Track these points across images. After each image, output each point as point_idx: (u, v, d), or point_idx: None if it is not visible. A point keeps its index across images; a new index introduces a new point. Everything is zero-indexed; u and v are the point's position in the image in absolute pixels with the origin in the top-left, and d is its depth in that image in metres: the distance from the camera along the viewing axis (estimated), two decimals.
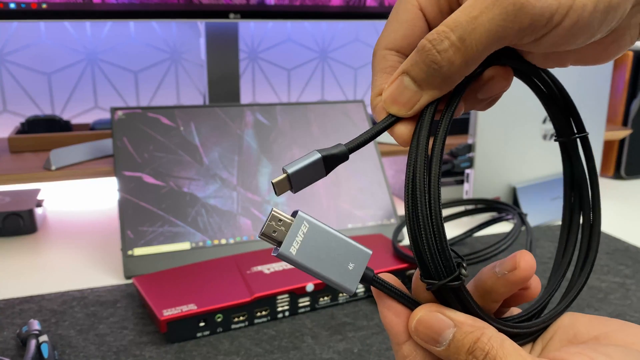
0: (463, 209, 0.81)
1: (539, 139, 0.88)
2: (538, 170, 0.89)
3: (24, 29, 1.01)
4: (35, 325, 0.53)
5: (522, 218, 0.72)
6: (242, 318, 0.57)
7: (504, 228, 0.83)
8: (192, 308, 0.54)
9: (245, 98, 1.18)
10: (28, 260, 0.73)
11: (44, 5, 0.81)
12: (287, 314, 0.59)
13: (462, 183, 0.94)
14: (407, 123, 0.28)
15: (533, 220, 0.83)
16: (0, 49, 1.00)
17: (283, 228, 0.28)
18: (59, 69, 1.04)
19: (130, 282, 0.66)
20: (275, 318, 0.59)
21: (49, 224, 0.85)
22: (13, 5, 0.79)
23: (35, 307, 0.60)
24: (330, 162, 0.28)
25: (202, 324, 0.55)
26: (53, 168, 0.81)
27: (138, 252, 0.68)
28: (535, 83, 0.31)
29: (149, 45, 1.09)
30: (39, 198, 0.85)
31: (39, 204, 0.84)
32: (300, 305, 0.60)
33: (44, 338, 0.51)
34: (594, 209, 0.33)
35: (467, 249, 0.76)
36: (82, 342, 0.54)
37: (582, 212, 0.33)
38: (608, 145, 1.07)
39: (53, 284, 0.66)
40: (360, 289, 0.63)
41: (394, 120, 0.28)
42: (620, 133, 1.05)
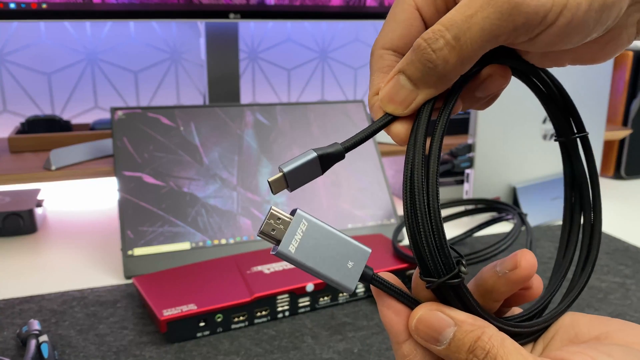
0: (463, 209, 0.81)
1: (539, 139, 0.88)
2: (538, 170, 0.89)
3: (24, 29, 1.01)
4: (35, 325, 0.53)
5: (522, 218, 0.72)
6: (242, 318, 0.57)
7: (504, 228, 0.83)
8: (192, 308, 0.54)
9: (245, 98, 1.18)
10: (28, 260, 0.73)
11: (44, 5, 0.81)
12: (287, 314, 0.59)
13: (462, 183, 0.94)
14: (403, 122, 0.28)
15: (533, 220, 0.83)
16: (0, 49, 1.00)
17: (282, 226, 0.28)
18: (59, 69, 1.04)
19: (130, 282, 0.66)
20: (275, 318, 0.59)
21: (49, 224, 0.85)
22: (13, 5, 0.79)
23: (35, 307, 0.61)
24: (326, 161, 0.28)
25: (202, 324, 0.55)
26: (53, 168, 0.81)
27: (138, 252, 0.68)
28: (534, 82, 0.31)
29: (149, 45, 1.09)
30: (39, 198, 0.85)
31: (39, 204, 0.84)
32: (300, 305, 0.60)
33: (44, 338, 0.51)
34: (595, 209, 0.33)
35: (467, 249, 0.76)
36: (82, 342, 0.54)
37: (582, 212, 0.33)
38: (608, 145, 1.07)
39: (53, 284, 0.66)
40: (360, 289, 0.63)
41: (391, 119, 0.29)
42: (620, 133, 1.05)
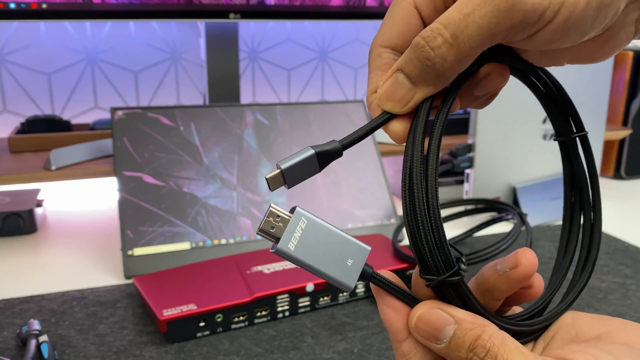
0: (463, 209, 0.81)
1: (539, 139, 0.88)
2: (538, 170, 0.89)
3: (24, 29, 1.01)
4: (35, 325, 0.53)
5: (522, 218, 0.72)
6: (242, 318, 0.57)
7: (504, 228, 0.83)
8: (192, 308, 0.54)
9: (245, 98, 1.18)
10: (28, 260, 0.73)
11: (44, 5, 0.81)
12: (287, 314, 0.59)
13: (462, 183, 0.94)
14: (401, 120, 0.28)
15: (533, 220, 0.83)
16: (0, 49, 1.00)
17: (281, 224, 0.28)
18: (59, 69, 1.04)
19: (130, 282, 0.66)
20: (275, 318, 0.59)
21: (49, 224, 0.85)
22: (13, 5, 0.79)
23: (35, 307, 0.60)
24: (324, 158, 0.28)
25: (202, 324, 0.55)
26: (53, 168, 0.81)
27: (138, 252, 0.68)
28: (533, 81, 0.31)
29: (149, 45, 1.09)
30: (39, 198, 0.85)
31: (39, 204, 0.84)
32: (300, 305, 0.60)
33: (44, 338, 0.51)
34: (595, 208, 0.33)
35: (467, 249, 0.76)
36: (82, 342, 0.54)
37: (582, 211, 0.33)
38: (608, 145, 1.07)
39: (53, 284, 0.66)
40: (360, 289, 0.63)
41: (389, 117, 0.29)
42: (620, 133, 1.05)
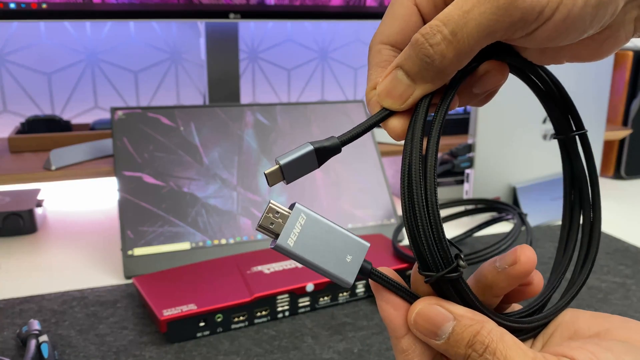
0: (463, 209, 0.81)
1: (539, 139, 0.88)
2: (538, 170, 0.89)
3: (24, 29, 1.01)
4: (35, 325, 0.53)
5: (522, 218, 0.72)
6: (242, 318, 0.57)
7: (504, 228, 0.83)
8: (192, 308, 0.54)
9: (245, 98, 1.18)
10: (28, 260, 0.73)
11: (44, 5, 0.81)
12: (287, 314, 0.59)
13: (462, 183, 0.94)
14: (400, 117, 0.28)
15: (533, 220, 0.83)
16: (0, 49, 1.00)
17: (280, 220, 0.28)
18: (59, 69, 1.04)
19: (130, 282, 0.66)
20: (275, 318, 0.59)
21: (49, 224, 0.85)
22: (13, 5, 0.79)
23: (35, 307, 0.60)
24: (323, 154, 0.28)
25: (202, 324, 0.55)
26: (53, 168, 0.81)
27: (138, 252, 0.68)
28: (532, 79, 0.31)
29: (149, 45, 1.09)
30: (39, 198, 0.85)
31: (39, 204, 0.84)
32: (300, 305, 0.60)
33: (44, 338, 0.51)
34: (594, 207, 0.33)
35: (467, 249, 0.76)
36: (82, 342, 0.54)
37: (582, 209, 0.33)
38: (608, 145, 1.07)
39: (53, 284, 0.66)
40: (360, 289, 0.63)
41: (388, 114, 0.29)
42: (620, 133, 1.05)
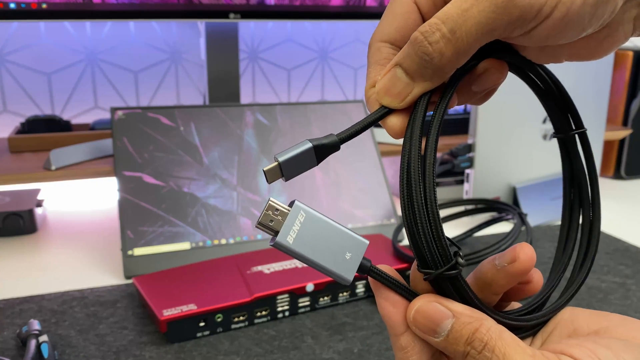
0: (463, 209, 0.81)
1: (539, 139, 0.88)
2: (538, 170, 0.89)
3: (24, 29, 1.01)
4: (35, 325, 0.53)
5: (522, 218, 0.72)
6: (242, 318, 0.57)
7: (504, 228, 0.83)
8: (192, 308, 0.54)
9: (245, 98, 1.18)
10: (28, 260, 0.73)
11: (44, 5, 0.81)
12: (287, 314, 0.59)
13: (462, 183, 0.94)
14: (399, 115, 0.29)
15: (533, 220, 0.83)
16: (0, 49, 1.00)
17: (280, 218, 0.28)
18: (59, 69, 1.04)
19: (130, 282, 0.66)
20: (275, 318, 0.59)
21: (49, 224, 0.85)
22: (13, 5, 0.79)
23: (35, 307, 0.60)
24: (322, 151, 0.29)
25: (202, 324, 0.55)
26: (53, 168, 0.81)
27: (138, 252, 0.68)
28: (532, 78, 0.31)
29: (149, 45, 1.09)
30: (39, 198, 0.85)
31: (39, 204, 0.84)
32: (300, 305, 0.60)
33: (44, 338, 0.51)
34: (594, 205, 0.33)
35: (467, 249, 0.76)
36: (82, 342, 0.54)
37: (581, 208, 0.33)
38: (608, 145, 1.07)
39: (53, 284, 0.66)
40: (360, 289, 0.63)
41: (387, 112, 0.29)
42: (620, 133, 1.05)
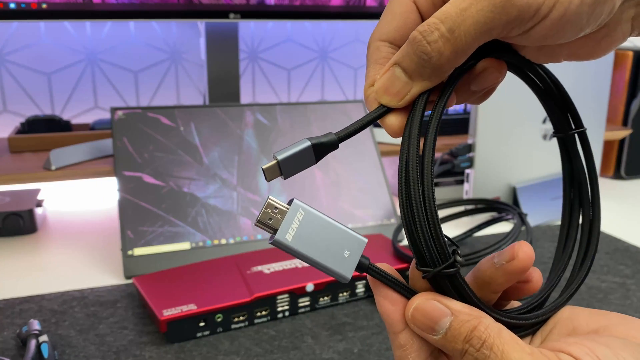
0: (463, 209, 0.81)
1: (539, 139, 0.88)
2: (538, 170, 0.89)
3: (24, 29, 1.01)
4: (35, 325, 0.53)
5: (522, 218, 0.72)
6: (242, 318, 0.57)
7: (504, 228, 0.83)
8: (192, 308, 0.54)
9: (245, 98, 1.18)
10: (28, 260, 0.73)
11: (44, 5, 0.81)
12: (287, 314, 0.59)
13: (462, 183, 0.94)
14: (398, 114, 0.29)
15: (533, 220, 0.83)
16: (0, 49, 1.00)
17: (279, 216, 0.28)
18: (59, 69, 1.04)
19: (130, 282, 0.66)
20: (275, 318, 0.59)
21: (49, 224, 0.85)
22: (13, 5, 0.79)
23: (35, 307, 0.60)
24: (320, 150, 0.29)
25: (202, 324, 0.55)
26: (53, 168, 0.81)
27: (138, 252, 0.68)
28: (531, 77, 0.31)
29: (149, 45, 1.09)
30: (39, 198, 0.85)
31: (39, 204, 0.84)
32: (300, 305, 0.60)
33: (44, 338, 0.51)
34: (594, 204, 0.33)
35: (467, 249, 0.76)
36: (82, 342, 0.54)
37: (581, 207, 0.33)
38: (608, 145, 1.07)
39: (53, 284, 0.66)
40: (361, 289, 0.63)
41: (385, 111, 0.29)
42: (620, 133, 1.05)
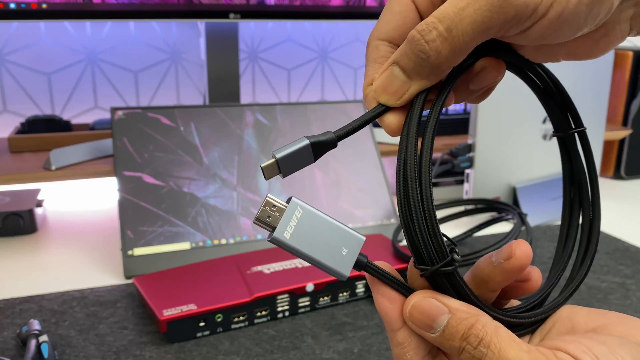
0: (463, 209, 0.81)
1: (539, 139, 0.88)
2: (538, 170, 0.89)
3: (24, 29, 1.01)
4: (35, 325, 0.53)
5: (522, 218, 0.72)
6: (242, 318, 0.57)
7: (504, 228, 0.83)
8: (192, 308, 0.54)
9: (245, 98, 1.18)
10: (28, 260, 0.73)
11: (44, 5, 0.81)
12: (287, 314, 0.59)
13: (462, 183, 0.94)
14: (396, 113, 0.29)
15: (533, 220, 0.83)
16: (0, 49, 1.00)
17: (277, 214, 0.28)
18: (59, 69, 1.04)
19: (130, 282, 0.66)
20: (275, 318, 0.59)
21: (49, 224, 0.85)
22: (13, 5, 0.79)
23: (35, 307, 0.61)
24: (319, 148, 0.29)
25: (202, 324, 0.55)
26: (53, 168, 0.81)
27: (138, 252, 0.68)
28: (530, 77, 0.31)
29: (149, 45, 1.09)
30: (39, 198, 0.85)
31: (39, 204, 0.84)
32: (300, 305, 0.60)
33: (44, 338, 0.51)
34: (594, 204, 0.33)
35: (467, 249, 0.76)
36: (82, 342, 0.54)
37: (581, 206, 0.33)
38: (608, 145, 1.07)
39: (53, 284, 0.66)
40: (361, 289, 0.63)
41: (384, 110, 0.29)
42: (620, 133, 1.05)
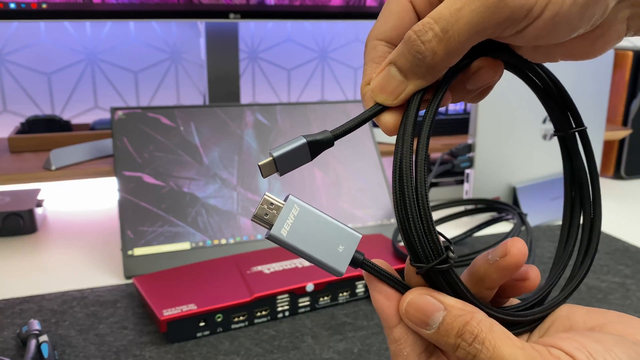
0: (463, 209, 0.81)
1: (539, 139, 0.88)
2: (538, 170, 0.89)
3: (24, 29, 1.01)
4: (35, 325, 0.53)
5: (522, 218, 0.72)
6: (242, 318, 0.57)
7: (504, 228, 0.83)
8: (192, 308, 0.54)
9: (245, 98, 1.19)
10: (28, 260, 0.73)
11: (44, 5, 0.81)
12: (287, 314, 0.59)
13: (462, 183, 0.94)
14: (393, 112, 0.29)
15: (533, 220, 0.83)
16: (0, 49, 1.00)
17: (275, 211, 0.29)
18: (59, 69, 1.04)
19: (130, 282, 0.66)
20: (275, 318, 0.59)
21: (49, 224, 0.85)
22: (13, 5, 0.79)
23: (35, 307, 0.61)
24: (316, 147, 0.29)
25: (202, 324, 0.55)
26: (53, 168, 0.81)
27: (138, 252, 0.68)
28: (530, 77, 0.32)
29: (149, 45, 1.09)
30: (39, 198, 0.85)
31: (39, 204, 0.84)
32: (300, 305, 0.60)
33: (44, 338, 0.51)
34: (595, 203, 0.33)
35: (467, 249, 0.76)
36: (82, 342, 0.54)
37: (582, 206, 0.33)
38: (608, 145, 1.07)
39: (53, 284, 0.66)
40: (360, 289, 0.63)
41: (381, 109, 0.29)
42: (620, 133, 1.05)
